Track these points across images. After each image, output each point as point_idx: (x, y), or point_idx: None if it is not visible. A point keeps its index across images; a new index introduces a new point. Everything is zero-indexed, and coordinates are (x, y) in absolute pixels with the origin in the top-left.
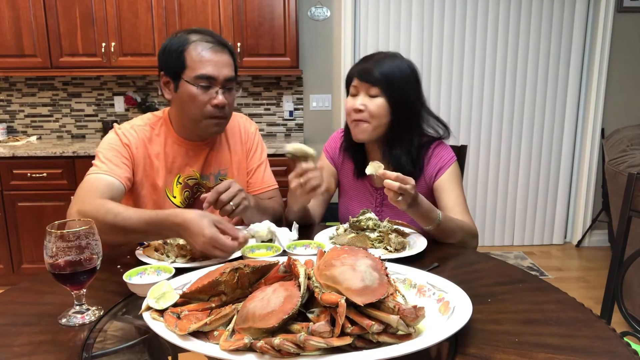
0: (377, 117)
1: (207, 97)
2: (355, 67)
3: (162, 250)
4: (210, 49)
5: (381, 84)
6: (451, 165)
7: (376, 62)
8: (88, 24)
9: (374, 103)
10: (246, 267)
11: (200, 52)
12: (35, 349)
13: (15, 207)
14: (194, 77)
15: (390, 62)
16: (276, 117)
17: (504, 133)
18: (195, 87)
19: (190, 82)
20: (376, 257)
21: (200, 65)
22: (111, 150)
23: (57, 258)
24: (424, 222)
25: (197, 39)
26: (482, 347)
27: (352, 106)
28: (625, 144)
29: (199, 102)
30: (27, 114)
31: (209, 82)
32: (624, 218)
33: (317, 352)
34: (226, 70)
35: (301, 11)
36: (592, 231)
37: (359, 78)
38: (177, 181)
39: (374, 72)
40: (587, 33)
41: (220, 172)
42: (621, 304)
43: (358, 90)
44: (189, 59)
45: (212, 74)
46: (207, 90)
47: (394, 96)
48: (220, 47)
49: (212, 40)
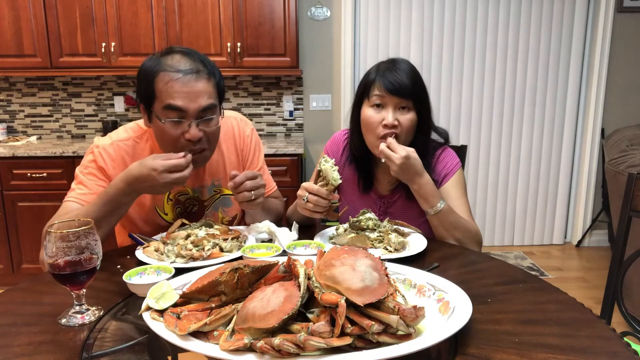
0: (408, 132)
1: (179, 131)
2: (380, 77)
3: (162, 250)
4: (180, 79)
5: (413, 97)
6: (456, 172)
7: (405, 73)
8: (88, 24)
9: (406, 118)
10: (246, 267)
11: (168, 83)
12: (35, 349)
13: (15, 207)
14: (162, 108)
15: (413, 70)
16: (276, 117)
17: (504, 133)
18: (164, 122)
19: (158, 116)
20: (376, 257)
21: (167, 96)
22: (86, 174)
23: (56, 258)
24: (424, 204)
25: (167, 65)
26: (482, 347)
27: (379, 121)
28: (625, 144)
29: (170, 137)
30: (27, 114)
31: (179, 115)
32: (624, 218)
33: (317, 352)
34: (201, 99)
35: (301, 11)
36: (592, 231)
37: (390, 90)
38: (167, 198)
39: (406, 84)
40: (587, 33)
41: (214, 183)
42: (621, 304)
43: (386, 102)
44: (157, 89)
45: (180, 105)
46: (178, 124)
47: (422, 107)
48: (193, 75)
49: (184, 67)
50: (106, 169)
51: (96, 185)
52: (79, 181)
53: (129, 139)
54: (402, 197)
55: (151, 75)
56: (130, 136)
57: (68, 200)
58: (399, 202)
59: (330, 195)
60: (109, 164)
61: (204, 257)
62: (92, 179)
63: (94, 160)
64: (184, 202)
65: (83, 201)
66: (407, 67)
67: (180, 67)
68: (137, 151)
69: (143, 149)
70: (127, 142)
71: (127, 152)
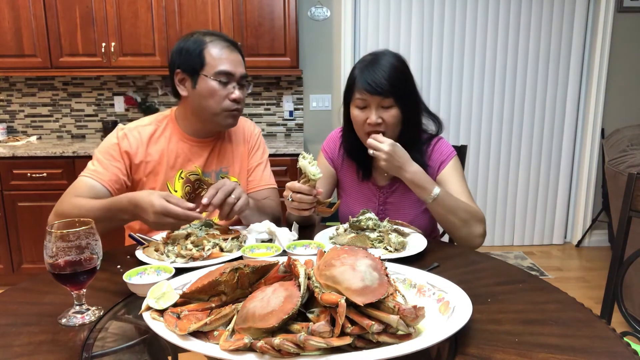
0: (393, 127)
1: (226, 92)
2: (359, 78)
3: (162, 250)
4: (227, 47)
5: (394, 94)
6: (452, 158)
7: (383, 72)
8: (88, 24)
9: (390, 115)
10: (246, 267)
11: (219, 51)
12: (35, 349)
13: (15, 207)
14: (214, 73)
15: (393, 66)
16: (276, 117)
17: (504, 133)
18: (215, 82)
19: (210, 78)
20: (376, 257)
21: (219, 62)
22: (105, 153)
23: (57, 258)
24: (420, 192)
25: (213, 39)
26: (482, 347)
27: (364, 120)
28: (625, 144)
29: (219, 97)
30: (27, 114)
31: (227, 77)
32: (624, 218)
33: (317, 352)
34: (241, 68)
35: (301, 11)
36: (592, 231)
37: (369, 91)
38: (179, 176)
39: (384, 83)
40: (587, 33)
41: (222, 170)
42: (621, 304)
43: (368, 102)
44: (208, 56)
45: (230, 70)
46: (225, 85)
47: (405, 102)
48: (235, 47)
49: (227, 40)
50: (130, 151)
51: (112, 165)
52: (97, 158)
53: (151, 123)
54: (400, 187)
55: (200, 47)
56: (152, 121)
57: (83, 176)
58: (397, 192)
59: (312, 190)
60: (134, 145)
61: (204, 257)
62: (109, 158)
63: (117, 142)
64: (194, 182)
65: (97, 178)
66: (387, 64)
67: (224, 42)
68: (156, 133)
69: (163, 131)
70: (150, 126)
71: (149, 134)
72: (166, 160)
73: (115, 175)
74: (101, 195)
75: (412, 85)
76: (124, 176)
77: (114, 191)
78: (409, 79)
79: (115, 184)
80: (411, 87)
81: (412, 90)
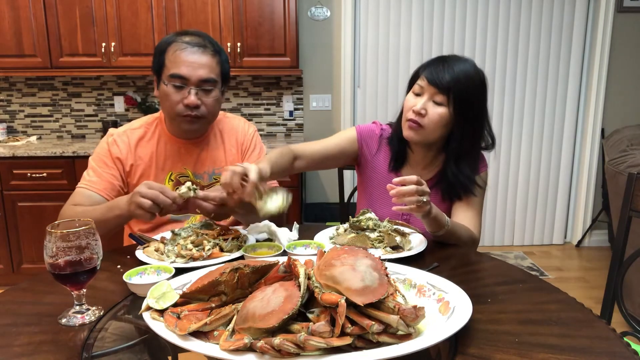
0: (434, 125)
1: (180, 97)
2: (426, 66)
3: (162, 250)
4: (186, 49)
5: (450, 94)
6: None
7: (451, 70)
8: (88, 24)
9: (436, 111)
10: (246, 267)
11: (176, 52)
12: (35, 349)
13: (15, 207)
14: (168, 76)
15: (464, 71)
16: (276, 117)
17: (504, 133)
18: (169, 86)
19: (164, 82)
20: (376, 257)
21: (174, 65)
22: (98, 161)
23: (57, 258)
24: (436, 227)
25: (178, 39)
26: (482, 347)
27: (412, 106)
28: (625, 144)
29: (172, 101)
30: (27, 114)
31: (181, 81)
32: (624, 218)
33: (317, 352)
34: (202, 71)
35: (301, 11)
36: (592, 231)
37: (428, 80)
38: (169, 178)
39: (445, 78)
40: (587, 33)
41: (215, 172)
42: (621, 304)
43: (423, 91)
44: (167, 58)
45: (183, 73)
46: (180, 89)
47: (461, 109)
48: (200, 49)
49: (193, 41)
50: (120, 156)
51: (105, 173)
52: (91, 167)
53: (141, 127)
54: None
55: (164, 47)
56: (141, 124)
57: (79, 187)
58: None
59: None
60: (123, 149)
61: (204, 257)
62: (102, 166)
63: (108, 148)
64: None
65: (93, 188)
66: (460, 66)
67: (190, 40)
68: (145, 137)
69: (152, 134)
70: (139, 130)
71: (138, 137)
72: (155, 163)
73: (109, 182)
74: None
75: (478, 98)
76: (118, 182)
77: (111, 198)
78: (478, 91)
79: (112, 192)
80: (476, 99)
81: (476, 102)
